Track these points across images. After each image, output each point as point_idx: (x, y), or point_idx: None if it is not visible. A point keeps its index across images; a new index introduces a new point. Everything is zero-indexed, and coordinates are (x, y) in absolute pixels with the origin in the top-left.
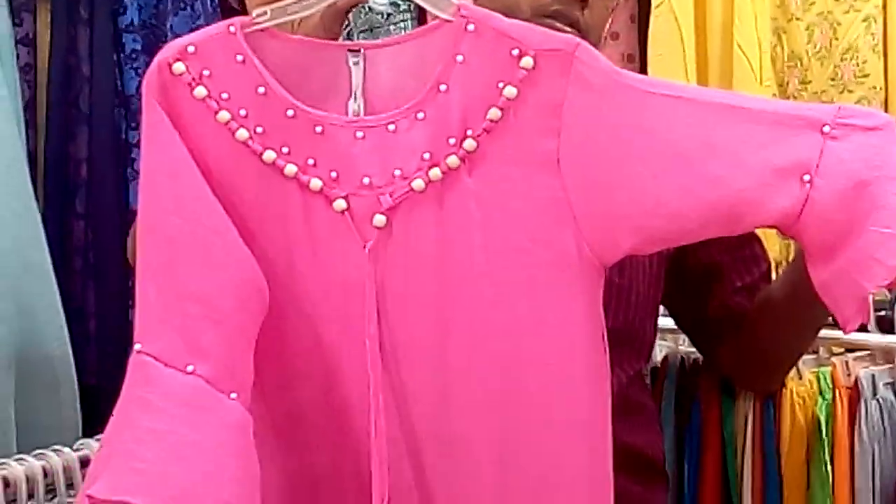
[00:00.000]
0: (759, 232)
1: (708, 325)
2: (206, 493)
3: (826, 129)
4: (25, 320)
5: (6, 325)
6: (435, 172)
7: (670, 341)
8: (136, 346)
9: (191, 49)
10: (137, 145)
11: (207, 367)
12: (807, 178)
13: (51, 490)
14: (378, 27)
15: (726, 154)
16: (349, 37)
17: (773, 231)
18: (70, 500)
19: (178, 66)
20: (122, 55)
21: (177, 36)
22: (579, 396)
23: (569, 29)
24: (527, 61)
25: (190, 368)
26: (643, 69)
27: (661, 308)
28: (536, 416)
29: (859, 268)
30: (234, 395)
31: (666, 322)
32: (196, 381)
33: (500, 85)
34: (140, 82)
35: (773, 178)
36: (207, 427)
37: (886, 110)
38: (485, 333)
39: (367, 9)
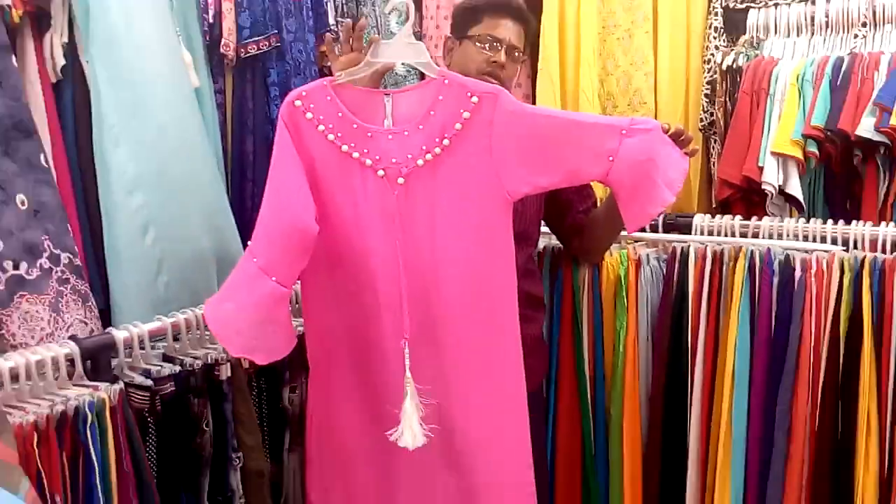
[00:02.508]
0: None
1: (565, 230)
2: (230, 321)
3: (624, 132)
4: (218, 233)
5: (208, 237)
6: (428, 157)
7: (547, 239)
8: (249, 243)
9: (304, 93)
10: None
11: (263, 261)
12: (611, 158)
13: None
14: (400, 82)
15: (573, 146)
16: (385, 86)
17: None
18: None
19: (298, 103)
20: (269, 98)
21: (297, 86)
22: (505, 268)
23: (495, 81)
24: (475, 99)
25: (255, 260)
26: (534, 102)
27: (543, 223)
28: (486, 280)
29: (648, 201)
30: (274, 278)
31: (545, 229)
32: (255, 267)
33: (461, 111)
34: (278, 112)
35: (595, 159)
36: (247, 291)
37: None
38: (457, 238)
39: (394, 73)
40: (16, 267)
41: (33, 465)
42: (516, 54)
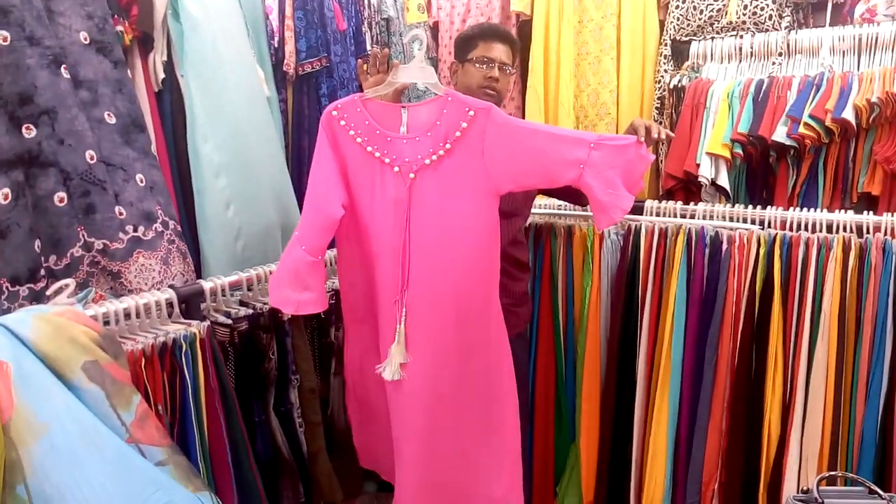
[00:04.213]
0: None
1: (558, 195)
2: (275, 278)
3: (592, 145)
4: (283, 208)
5: (276, 211)
6: (434, 157)
7: (532, 217)
8: (295, 232)
9: (339, 106)
10: None
11: (306, 242)
12: (581, 166)
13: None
14: (422, 96)
15: (550, 153)
16: (408, 100)
17: None
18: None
19: (334, 112)
20: (320, 106)
21: (341, 97)
22: (490, 245)
23: (493, 92)
24: (471, 113)
25: (296, 234)
26: (524, 112)
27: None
28: (475, 254)
29: (611, 209)
30: (303, 247)
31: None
32: (300, 247)
33: (461, 122)
34: None
35: (569, 166)
36: (291, 260)
37: (617, 130)
38: (454, 221)
39: (416, 89)
40: (135, 230)
41: (141, 382)
42: (508, 70)
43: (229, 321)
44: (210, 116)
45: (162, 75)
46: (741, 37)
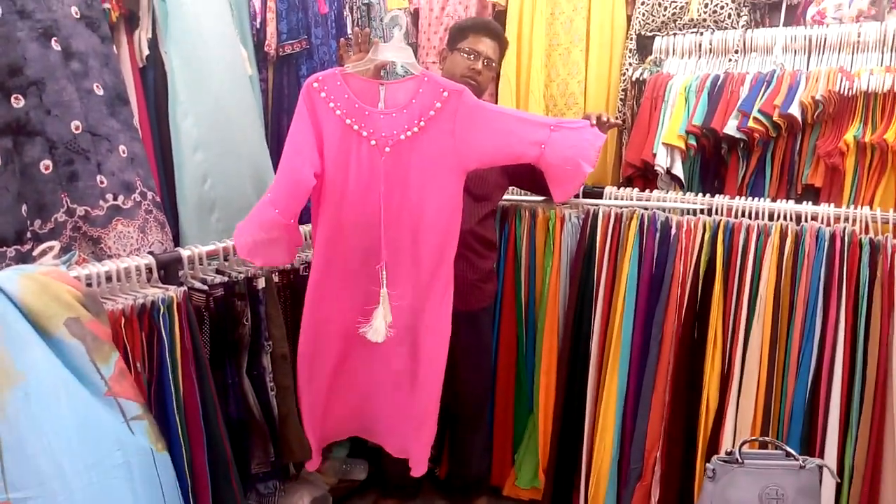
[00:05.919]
0: None
1: (527, 183)
2: (244, 232)
3: (552, 127)
4: (261, 185)
5: (253, 187)
6: (409, 133)
7: (502, 201)
8: (266, 194)
9: (320, 78)
10: None
11: (272, 198)
12: (542, 146)
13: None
14: (395, 76)
15: (515, 134)
16: (384, 77)
17: None
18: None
19: (315, 84)
20: (300, 87)
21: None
22: (453, 215)
23: (474, 83)
24: (445, 94)
25: (269, 196)
26: (496, 101)
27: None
28: (439, 222)
29: (568, 182)
30: (276, 211)
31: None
32: (267, 200)
33: (435, 102)
34: None
35: (530, 146)
36: (258, 214)
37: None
38: (423, 193)
39: (395, 73)
40: (115, 198)
41: (121, 341)
42: (492, 64)
43: (205, 287)
44: (191, 92)
45: (146, 52)
46: (701, 34)
